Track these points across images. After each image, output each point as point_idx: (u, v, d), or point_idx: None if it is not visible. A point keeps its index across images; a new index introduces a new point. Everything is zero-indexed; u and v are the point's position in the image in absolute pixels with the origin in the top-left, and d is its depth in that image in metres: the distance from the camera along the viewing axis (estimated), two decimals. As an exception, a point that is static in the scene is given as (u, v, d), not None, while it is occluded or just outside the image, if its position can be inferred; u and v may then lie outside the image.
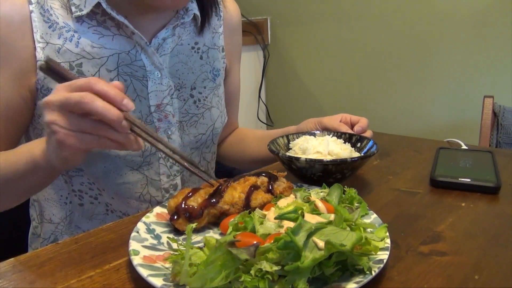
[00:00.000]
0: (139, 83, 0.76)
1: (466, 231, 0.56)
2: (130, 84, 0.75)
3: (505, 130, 1.33)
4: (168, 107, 0.79)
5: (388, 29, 1.88)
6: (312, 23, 2.11)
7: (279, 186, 0.61)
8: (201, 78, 0.84)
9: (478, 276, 0.46)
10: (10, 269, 0.48)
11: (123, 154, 0.75)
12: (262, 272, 0.38)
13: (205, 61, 0.85)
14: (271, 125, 2.38)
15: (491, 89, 1.59)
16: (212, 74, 0.87)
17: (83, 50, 0.71)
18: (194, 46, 0.83)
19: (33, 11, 0.69)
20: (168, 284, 0.41)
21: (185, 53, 0.82)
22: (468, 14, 1.67)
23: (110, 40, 0.73)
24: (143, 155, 0.78)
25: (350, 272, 0.42)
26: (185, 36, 0.82)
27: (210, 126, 0.87)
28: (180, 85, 0.81)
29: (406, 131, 1.82)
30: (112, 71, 0.73)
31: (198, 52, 0.84)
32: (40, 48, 0.69)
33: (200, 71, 0.84)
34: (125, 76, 0.74)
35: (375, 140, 0.75)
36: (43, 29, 0.69)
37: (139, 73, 0.75)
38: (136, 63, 0.75)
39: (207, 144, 0.89)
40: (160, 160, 0.80)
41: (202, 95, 0.85)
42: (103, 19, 0.72)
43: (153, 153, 0.79)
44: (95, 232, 0.57)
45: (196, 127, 0.85)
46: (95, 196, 0.80)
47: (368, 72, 1.99)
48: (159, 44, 0.77)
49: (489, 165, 0.77)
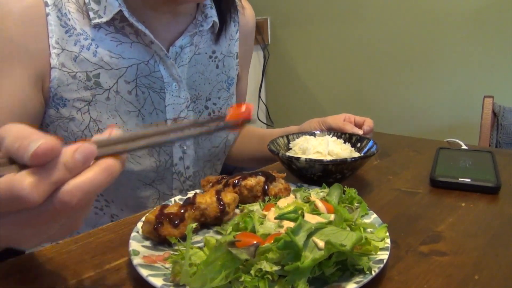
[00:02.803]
0: (157, 96, 0.73)
1: (466, 231, 0.56)
2: (148, 97, 0.72)
3: (505, 130, 1.33)
4: (185, 121, 0.76)
5: (388, 29, 1.88)
6: (312, 23, 2.11)
7: (275, 187, 0.61)
8: (216, 88, 0.82)
9: (478, 276, 0.45)
10: (10, 269, 0.48)
11: (137, 170, 0.73)
12: (262, 272, 0.38)
13: (221, 70, 0.83)
14: (271, 125, 2.38)
15: (491, 89, 1.59)
16: (227, 84, 0.85)
17: (101, 60, 0.68)
18: (211, 55, 0.81)
19: (50, 13, 0.65)
20: (168, 284, 0.41)
21: (203, 62, 0.79)
22: (468, 14, 1.67)
23: (128, 47, 0.70)
24: (157, 170, 0.76)
25: (350, 272, 0.42)
26: (202, 45, 0.79)
27: (223, 138, 0.85)
28: (196, 97, 0.79)
29: (406, 131, 1.82)
30: (131, 83, 0.71)
31: (215, 61, 0.81)
32: (55, 55, 0.66)
33: (216, 81, 0.82)
34: (143, 88, 0.72)
35: (375, 140, 0.75)
36: (59, 33, 0.66)
37: (156, 85, 0.73)
38: (154, 74, 0.72)
39: (219, 156, 0.87)
40: (174, 175, 0.79)
41: (216, 106, 0.82)
42: (122, 25, 0.69)
43: (167, 168, 0.77)
44: (95, 232, 0.57)
45: (210, 141, 0.82)
46: (101, 207, 0.78)
47: (368, 72, 1.99)
48: (177, 53, 0.75)
49: (489, 165, 0.77)
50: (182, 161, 0.79)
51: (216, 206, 0.55)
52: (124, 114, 0.71)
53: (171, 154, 0.77)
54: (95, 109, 0.69)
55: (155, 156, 0.75)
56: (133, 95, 0.71)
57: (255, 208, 0.56)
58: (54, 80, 0.67)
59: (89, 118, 0.70)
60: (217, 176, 0.66)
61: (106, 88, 0.70)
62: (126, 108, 0.71)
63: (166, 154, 0.76)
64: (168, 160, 0.77)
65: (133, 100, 0.72)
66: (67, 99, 0.68)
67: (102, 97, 0.69)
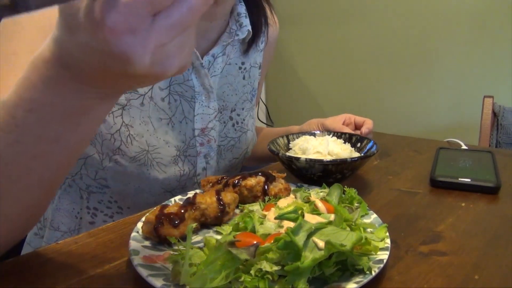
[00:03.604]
0: (187, 105, 0.72)
1: (466, 231, 0.56)
2: (179, 105, 0.71)
3: (505, 130, 1.33)
4: (212, 131, 0.75)
5: (388, 29, 1.88)
6: (312, 23, 2.11)
7: (275, 187, 0.61)
8: (242, 99, 0.81)
9: (478, 276, 0.45)
10: (10, 269, 0.48)
11: (162, 178, 0.72)
12: (262, 272, 0.38)
13: (247, 81, 0.82)
14: (271, 125, 2.38)
15: (491, 89, 1.59)
16: (251, 95, 0.84)
17: None
18: (241, 66, 0.80)
19: None
20: (168, 284, 0.41)
21: (233, 73, 0.78)
22: (468, 14, 1.67)
23: None
24: (180, 179, 0.75)
25: (350, 272, 0.42)
26: (233, 55, 0.78)
27: (243, 150, 0.84)
28: (223, 107, 0.78)
29: (406, 131, 1.82)
30: (164, 90, 0.70)
31: (243, 72, 0.80)
32: None
33: (242, 92, 0.81)
34: (176, 96, 0.71)
35: (375, 140, 0.75)
36: None
37: (188, 94, 0.72)
38: (187, 83, 0.71)
39: (237, 167, 0.86)
40: (195, 185, 0.78)
41: (240, 117, 0.81)
42: None
43: (190, 177, 0.76)
44: (95, 232, 0.57)
45: (232, 152, 0.82)
46: (111, 214, 0.77)
47: (368, 72, 1.99)
48: (210, 62, 0.73)
49: (489, 165, 0.77)
50: (205, 171, 0.78)
51: (216, 206, 0.55)
52: (156, 121, 0.70)
53: (195, 164, 0.76)
54: (128, 114, 0.68)
55: (179, 165, 0.74)
56: (166, 102, 0.71)
57: (255, 208, 0.56)
58: None
59: (121, 122, 0.68)
60: (217, 176, 0.66)
61: (141, 94, 0.69)
62: (158, 115, 0.70)
63: (190, 164, 0.75)
64: (192, 170, 0.76)
65: (166, 107, 0.71)
66: None
67: (137, 102, 0.69)
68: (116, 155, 0.69)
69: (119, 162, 0.70)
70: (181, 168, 0.74)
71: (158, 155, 0.71)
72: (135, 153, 0.69)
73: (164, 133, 0.71)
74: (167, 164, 0.72)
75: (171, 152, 0.72)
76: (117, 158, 0.69)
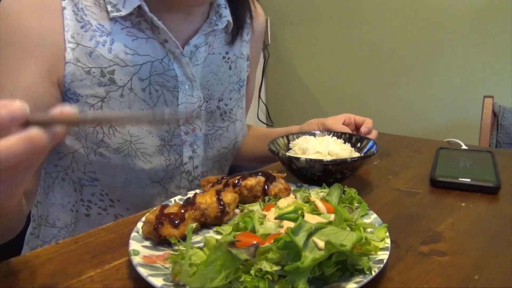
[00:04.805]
0: (170, 94, 0.73)
1: (466, 231, 0.56)
2: (161, 95, 0.73)
3: (505, 130, 1.33)
4: (196, 120, 0.77)
5: (388, 30, 1.88)
6: (312, 23, 2.11)
7: (275, 187, 0.61)
8: (228, 89, 0.83)
9: (478, 276, 0.46)
10: (10, 269, 0.48)
11: (147, 168, 0.73)
12: (262, 272, 0.38)
13: (233, 71, 0.84)
14: (271, 125, 2.38)
15: (491, 89, 1.59)
16: (238, 85, 0.85)
17: (116, 57, 0.68)
18: (225, 56, 0.81)
19: (66, 7, 0.65)
20: (168, 284, 0.41)
21: (217, 63, 0.80)
22: (468, 14, 1.67)
23: (143, 43, 0.70)
24: (167, 169, 0.76)
25: (350, 272, 0.42)
26: (216, 45, 0.80)
27: (233, 139, 0.85)
28: (209, 97, 0.79)
29: (406, 131, 1.82)
30: (145, 80, 0.71)
31: (228, 62, 0.82)
32: (70, 49, 0.66)
33: (228, 82, 0.82)
34: (157, 86, 0.72)
35: (375, 140, 0.75)
36: (75, 28, 0.66)
37: (170, 84, 0.73)
38: (168, 72, 0.72)
39: (227, 157, 0.87)
40: (183, 174, 0.79)
41: (228, 107, 0.83)
42: (138, 20, 0.70)
43: (177, 167, 0.77)
44: (95, 232, 0.57)
45: (220, 141, 0.83)
46: (105, 207, 0.78)
47: (368, 72, 1.99)
48: (192, 52, 0.75)
49: (489, 165, 0.77)
50: (192, 160, 0.79)
51: (216, 206, 0.55)
52: (137, 112, 0.71)
53: (181, 153, 0.77)
54: (108, 106, 0.69)
55: (165, 154, 0.75)
56: (147, 92, 0.72)
57: (255, 208, 0.56)
58: (68, 75, 0.66)
59: None
60: (217, 176, 0.66)
61: (121, 85, 0.69)
62: (139, 106, 0.71)
63: (176, 153, 0.77)
64: (178, 159, 0.77)
65: (147, 98, 0.72)
66: (80, 94, 0.68)
67: (116, 94, 0.69)
68: (100, 148, 0.70)
69: (104, 155, 0.71)
70: (166, 157, 0.75)
71: (142, 145, 0.72)
72: (118, 144, 0.70)
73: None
74: (152, 154, 0.73)
75: (155, 142, 0.73)
76: (101, 151, 0.70)
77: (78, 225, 0.81)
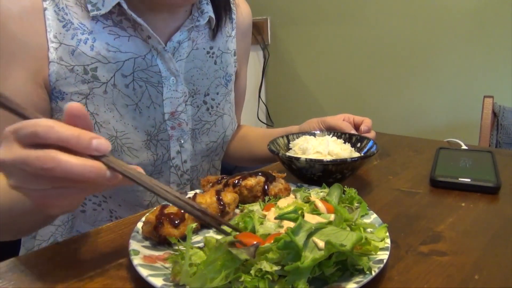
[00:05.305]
0: (154, 90, 0.74)
1: (466, 231, 0.56)
2: (145, 91, 0.73)
3: (505, 130, 1.33)
4: (182, 114, 0.77)
5: (388, 29, 1.88)
6: (313, 23, 2.11)
7: (275, 187, 0.61)
8: (214, 84, 0.83)
9: (478, 276, 0.46)
10: (10, 269, 0.48)
11: (135, 163, 0.73)
12: (262, 272, 0.38)
13: (219, 66, 0.84)
14: (271, 125, 2.38)
15: (491, 89, 1.59)
16: (225, 80, 0.86)
17: (98, 54, 0.69)
18: (209, 51, 0.82)
19: (47, 8, 0.66)
20: (168, 284, 0.41)
21: (201, 58, 0.81)
22: (468, 14, 1.67)
23: (125, 41, 0.71)
24: (155, 164, 0.77)
25: (350, 272, 0.42)
26: (200, 40, 0.81)
27: (221, 133, 0.86)
28: (194, 91, 0.80)
29: (406, 131, 1.82)
30: (128, 76, 0.71)
31: (213, 57, 0.83)
32: (53, 49, 0.66)
33: (214, 76, 0.83)
34: (140, 82, 0.73)
35: (375, 140, 0.75)
36: (56, 28, 0.66)
37: (154, 79, 0.74)
38: (151, 68, 0.73)
39: (217, 151, 0.88)
40: (171, 169, 0.80)
41: (215, 102, 0.84)
42: (119, 19, 0.70)
43: (165, 161, 0.78)
44: (95, 232, 0.57)
45: (208, 135, 0.84)
46: (99, 203, 0.79)
47: (368, 72, 1.99)
48: (175, 48, 0.76)
49: (489, 165, 0.77)
50: (180, 155, 0.80)
51: (216, 206, 0.55)
52: (122, 108, 0.72)
53: (168, 148, 0.78)
54: (92, 103, 0.70)
55: (152, 149, 0.76)
56: (130, 88, 0.72)
57: (255, 208, 0.56)
58: (52, 74, 0.67)
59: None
60: (217, 176, 0.66)
61: (104, 82, 0.70)
62: (123, 102, 0.72)
63: (163, 148, 0.77)
64: (166, 154, 0.78)
65: (130, 93, 0.72)
66: (65, 92, 0.69)
67: (100, 90, 0.70)
68: None
69: None
70: (153, 152, 0.76)
71: (128, 140, 0.73)
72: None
73: (132, 118, 0.73)
74: (139, 149, 0.74)
75: (141, 137, 0.74)
76: None
77: (75, 221, 0.81)
